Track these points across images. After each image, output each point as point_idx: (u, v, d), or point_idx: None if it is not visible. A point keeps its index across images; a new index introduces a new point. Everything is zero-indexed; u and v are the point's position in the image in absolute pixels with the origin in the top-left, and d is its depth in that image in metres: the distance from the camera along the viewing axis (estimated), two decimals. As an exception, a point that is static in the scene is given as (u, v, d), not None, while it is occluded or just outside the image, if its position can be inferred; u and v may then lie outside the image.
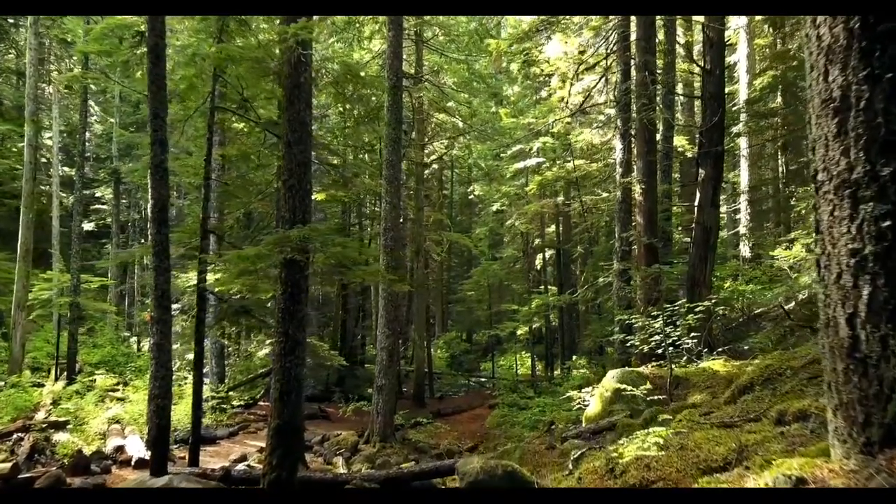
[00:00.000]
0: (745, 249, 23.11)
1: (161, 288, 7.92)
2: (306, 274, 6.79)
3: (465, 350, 31.95)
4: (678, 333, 8.37)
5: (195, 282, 8.94)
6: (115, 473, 10.50)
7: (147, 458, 11.25)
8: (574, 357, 23.16)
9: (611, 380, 8.49)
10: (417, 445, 14.09)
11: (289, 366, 6.64)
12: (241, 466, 9.88)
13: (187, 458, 12.04)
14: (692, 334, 8.70)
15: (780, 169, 22.89)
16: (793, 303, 15.55)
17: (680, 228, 20.57)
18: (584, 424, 8.71)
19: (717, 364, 8.33)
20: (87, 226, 32.16)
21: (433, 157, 24.77)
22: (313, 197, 10.71)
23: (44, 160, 32.44)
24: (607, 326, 16.94)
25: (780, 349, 9.09)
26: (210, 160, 9.05)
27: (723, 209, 19.63)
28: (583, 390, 10.32)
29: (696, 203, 12.35)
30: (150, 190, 8.07)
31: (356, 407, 14.82)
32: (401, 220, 24.26)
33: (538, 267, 27.21)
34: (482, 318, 29.33)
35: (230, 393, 19.82)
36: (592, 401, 8.86)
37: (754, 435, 3.28)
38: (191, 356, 19.78)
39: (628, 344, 9.52)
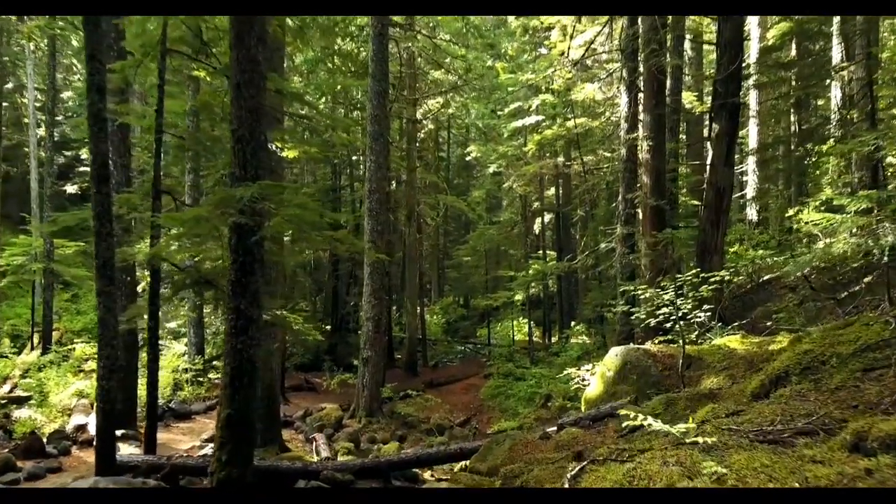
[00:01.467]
0: (751, 213, 22.12)
1: (103, 256, 6.94)
2: (260, 240, 5.80)
3: (461, 316, 31.18)
4: (689, 306, 7.43)
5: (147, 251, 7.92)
6: (73, 455, 9.71)
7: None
8: (573, 323, 22.36)
9: (613, 357, 7.59)
10: (406, 420, 13.34)
11: (241, 347, 5.70)
12: (207, 450, 9.06)
13: (158, 439, 11.32)
14: (704, 307, 7.77)
15: (793, 127, 21.67)
16: (807, 268, 14.58)
17: (685, 191, 19.53)
18: (582, 407, 7.85)
19: (733, 341, 7.41)
20: (71, 188, 31.03)
21: (427, 115, 23.52)
22: (284, 154, 9.66)
23: (25, 120, 31.11)
24: (609, 298, 16.02)
25: (805, 322, 8.17)
26: (161, 111, 7.95)
27: (732, 170, 18.48)
28: (582, 368, 9.46)
29: (707, 161, 11.28)
30: (89, 143, 7.05)
31: (342, 379, 14.03)
32: (392, 182, 23.18)
33: (537, 231, 26.17)
34: (478, 284, 28.45)
35: (213, 363, 19.07)
36: (593, 380, 7.98)
37: (822, 468, 2.35)
38: (172, 325, 18.96)
39: (632, 316, 8.59)
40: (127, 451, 9.71)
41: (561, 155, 21.45)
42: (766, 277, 15.68)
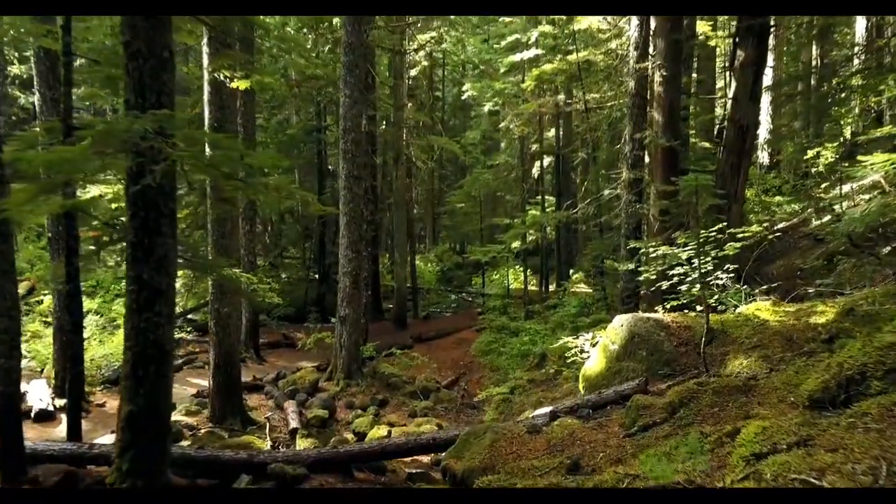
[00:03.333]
0: (763, 156, 20.69)
1: (-8, 207, 5.63)
2: (168, 190, 4.47)
3: (456, 264, 30.00)
4: (710, 266, 6.17)
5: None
6: (7, 430, 8.63)
7: (52, 409, 9.47)
8: (571, 272, 21.19)
9: (618, 328, 6.38)
10: (389, 381, 12.27)
11: (144, 326, 4.46)
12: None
13: (107, 408, 10.27)
14: (727, 266, 6.51)
15: (815, 62, 19.88)
16: (828, 217, 13.24)
17: (694, 131, 17.97)
18: (580, 385, 6.69)
19: (762, 309, 6.17)
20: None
21: (420, 49, 21.63)
22: (235, 85, 8.18)
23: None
24: (611, 250, 14.73)
25: (845, 284, 6.94)
26: (69, 28, 6.45)
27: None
28: (580, 336, 8.28)
29: (730, 95, 9.83)
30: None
31: (318, 338, 12.96)
32: (383, 123, 21.55)
33: (535, 175, 24.66)
34: (472, 232, 27.15)
35: (187, 316, 17.98)
36: (593, 353, 6.79)
37: None
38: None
39: (641, 276, 7.34)
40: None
41: (561, 92, 19.75)
42: (781, 225, 14.38)
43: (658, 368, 5.79)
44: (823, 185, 15.94)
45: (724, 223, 6.09)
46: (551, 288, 21.38)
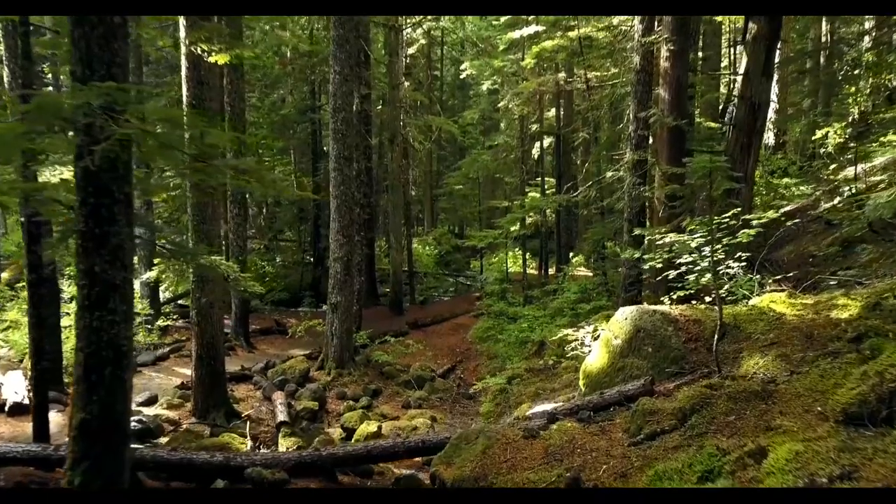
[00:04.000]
0: (769, 136, 20.10)
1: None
2: (123, 173, 3.99)
3: (454, 247, 29.50)
4: (721, 254, 5.71)
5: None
6: (-23, 426, 8.24)
7: (27, 402, 9.05)
8: (571, 255, 20.74)
9: (622, 321, 5.93)
10: (383, 370, 11.90)
11: (98, 325, 4.00)
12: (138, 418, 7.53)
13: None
14: (739, 254, 6.07)
15: (824, 37, 19.22)
16: (837, 199, 12.78)
17: (698, 111, 17.39)
18: (581, 381, 6.25)
19: (778, 301, 5.71)
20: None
21: (417, 26, 20.98)
22: (213, 59, 7.66)
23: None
24: (611, 235, 14.27)
25: (870, 274, 6.48)
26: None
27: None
28: (580, 329, 7.84)
29: (740, 70, 9.28)
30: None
31: (309, 326, 12.56)
32: (380, 102, 20.94)
33: (535, 157, 24.07)
34: (470, 214, 26.60)
35: (178, 301, 17.57)
36: (595, 347, 6.35)
37: None
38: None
39: (647, 265, 6.88)
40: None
41: (562, 70, 19.11)
42: (789, 208, 13.89)
43: (665, 366, 5.35)
44: (832, 167, 15.44)
45: (739, 208, 5.62)
46: (551, 272, 20.93)
